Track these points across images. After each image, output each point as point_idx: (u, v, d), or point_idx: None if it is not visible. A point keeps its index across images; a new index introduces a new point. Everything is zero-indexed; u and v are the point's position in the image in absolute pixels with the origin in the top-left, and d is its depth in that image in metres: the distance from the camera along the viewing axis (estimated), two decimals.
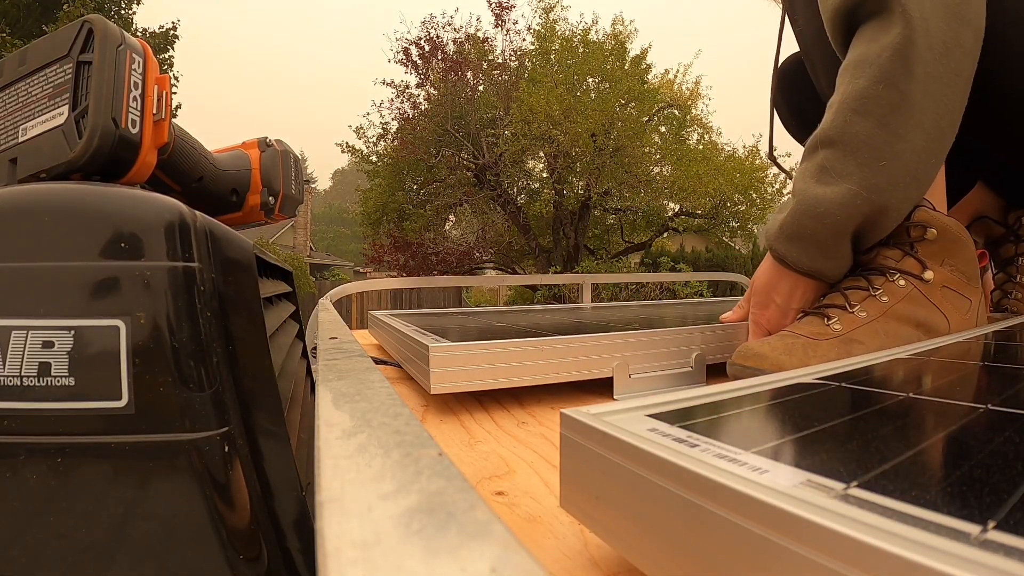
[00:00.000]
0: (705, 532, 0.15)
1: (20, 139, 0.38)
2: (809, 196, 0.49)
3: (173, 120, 0.43)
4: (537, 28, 8.20)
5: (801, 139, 0.53)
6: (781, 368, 0.45)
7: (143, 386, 0.25)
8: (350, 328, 0.62)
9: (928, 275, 0.51)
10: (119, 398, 0.24)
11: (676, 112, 8.30)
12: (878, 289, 0.50)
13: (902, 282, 0.50)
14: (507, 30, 8.33)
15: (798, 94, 0.78)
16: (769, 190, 7.97)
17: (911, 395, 0.24)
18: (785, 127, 0.85)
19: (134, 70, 0.38)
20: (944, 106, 0.47)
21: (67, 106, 0.36)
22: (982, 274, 0.58)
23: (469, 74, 8.22)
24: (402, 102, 8.49)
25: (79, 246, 0.25)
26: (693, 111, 8.36)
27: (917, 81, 0.46)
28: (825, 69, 0.52)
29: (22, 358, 0.24)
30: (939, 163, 0.50)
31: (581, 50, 7.76)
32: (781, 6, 0.68)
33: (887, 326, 0.49)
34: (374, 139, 8.81)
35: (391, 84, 8.47)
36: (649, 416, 0.21)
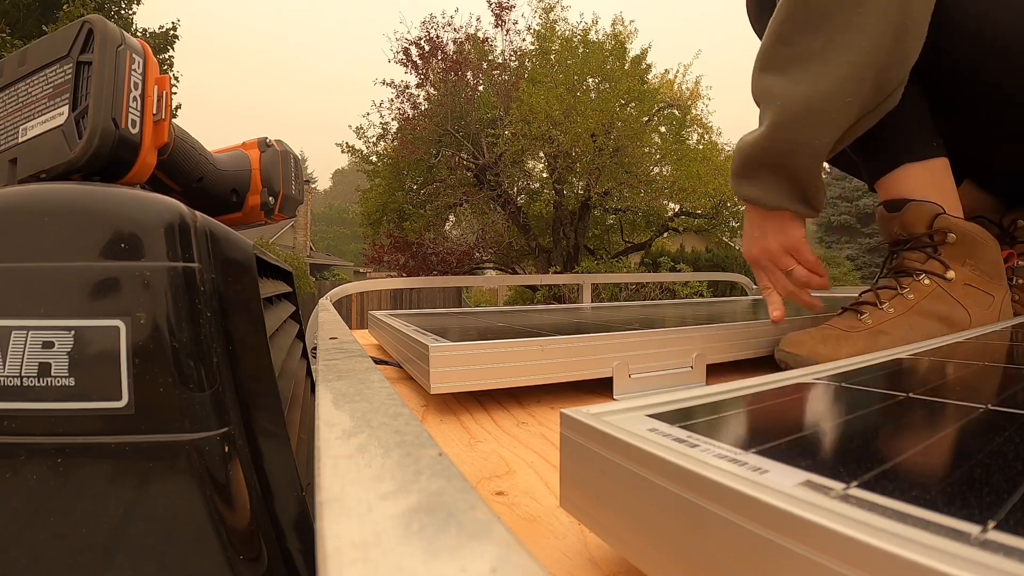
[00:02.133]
0: (705, 532, 0.15)
1: (20, 139, 0.38)
2: (740, 144, 0.61)
3: (173, 120, 0.43)
4: (537, 28, 8.19)
5: (759, 29, 0.63)
6: (815, 355, 0.53)
7: (143, 386, 0.25)
8: (350, 328, 0.62)
9: (950, 274, 0.57)
10: (119, 398, 0.24)
11: (676, 112, 8.29)
12: (905, 288, 0.57)
13: (927, 281, 0.57)
14: (507, 30, 8.33)
15: None
16: None
17: (911, 395, 0.24)
18: (748, 16, 0.84)
19: (134, 70, 0.37)
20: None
21: (67, 106, 0.36)
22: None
23: (469, 74, 8.21)
24: (402, 102, 8.48)
25: (79, 246, 0.25)
26: (693, 111, 8.35)
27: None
28: None
29: (22, 358, 0.24)
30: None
31: (581, 50, 7.75)
32: None
33: (912, 319, 0.56)
34: (374, 139, 8.81)
35: (391, 84, 8.46)
36: (649, 416, 0.21)
